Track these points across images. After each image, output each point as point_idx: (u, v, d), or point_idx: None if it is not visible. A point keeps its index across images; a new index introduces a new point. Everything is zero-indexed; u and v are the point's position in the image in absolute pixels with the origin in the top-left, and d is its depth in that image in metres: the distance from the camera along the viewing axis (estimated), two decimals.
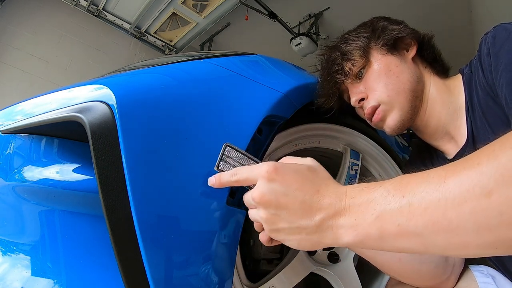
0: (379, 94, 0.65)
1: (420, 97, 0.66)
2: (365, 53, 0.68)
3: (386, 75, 0.65)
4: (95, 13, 3.41)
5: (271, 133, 0.60)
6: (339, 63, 0.70)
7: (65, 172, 0.52)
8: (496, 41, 0.52)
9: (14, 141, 0.57)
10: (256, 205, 0.41)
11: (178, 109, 0.51)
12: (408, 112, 0.66)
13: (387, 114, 0.66)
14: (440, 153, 0.71)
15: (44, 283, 0.48)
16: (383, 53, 0.67)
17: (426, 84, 0.68)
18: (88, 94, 0.51)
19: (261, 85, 0.62)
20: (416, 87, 0.66)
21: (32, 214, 0.54)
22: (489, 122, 0.55)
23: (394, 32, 0.67)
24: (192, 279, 0.45)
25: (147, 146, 0.45)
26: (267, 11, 3.22)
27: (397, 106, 0.65)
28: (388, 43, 0.67)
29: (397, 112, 0.66)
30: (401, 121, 0.66)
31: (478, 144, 0.58)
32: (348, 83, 0.70)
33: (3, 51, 2.98)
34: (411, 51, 0.69)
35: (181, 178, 0.47)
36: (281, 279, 0.68)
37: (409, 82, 0.65)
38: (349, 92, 0.71)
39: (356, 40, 0.69)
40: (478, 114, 0.58)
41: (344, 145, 0.83)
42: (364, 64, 0.68)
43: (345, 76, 0.69)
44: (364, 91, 0.68)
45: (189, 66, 0.62)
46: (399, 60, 0.67)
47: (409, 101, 0.65)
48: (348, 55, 0.68)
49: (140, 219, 0.42)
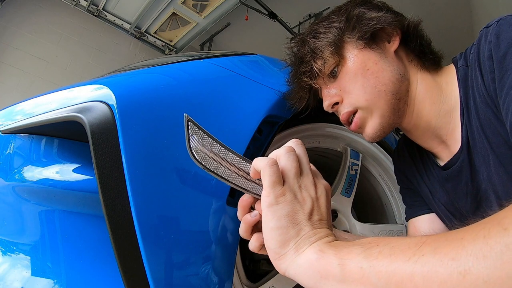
0: (356, 98, 0.56)
1: (404, 98, 0.57)
2: (338, 49, 0.56)
3: (362, 75, 0.55)
4: (95, 13, 3.42)
5: (271, 133, 0.60)
6: (307, 62, 0.58)
7: (65, 172, 0.52)
8: (501, 41, 0.44)
9: (14, 141, 0.57)
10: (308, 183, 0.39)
11: (178, 109, 0.50)
12: (390, 118, 0.56)
13: (365, 122, 0.57)
14: (432, 157, 0.64)
15: (44, 283, 0.48)
16: (359, 48, 0.56)
17: (412, 82, 0.57)
18: (88, 94, 0.51)
19: (261, 85, 0.62)
20: (399, 88, 0.55)
21: (32, 214, 0.54)
22: (488, 137, 0.48)
23: (372, 23, 0.55)
24: (192, 279, 0.45)
25: (147, 146, 0.45)
26: (267, 11, 3.22)
27: (377, 112, 0.56)
28: (365, 36, 0.55)
29: (377, 118, 0.56)
30: (381, 128, 0.57)
31: (475, 157, 0.52)
32: (320, 84, 0.60)
33: (3, 51, 2.98)
34: (393, 43, 0.58)
35: (181, 178, 0.47)
36: (281, 279, 0.68)
37: (390, 83, 0.55)
38: (322, 93, 0.61)
39: (327, 33, 0.57)
40: (475, 123, 0.50)
41: (344, 145, 0.83)
42: (337, 62, 0.57)
43: (314, 79, 0.58)
44: (339, 93, 0.58)
45: (189, 66, 0.62)
46: (378, 55, 0.56)
47: (391, 105, 0.55)
48: (317, 52, 0.57)
49: (140, 219, 0.42)
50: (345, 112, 0.57)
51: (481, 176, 0.52)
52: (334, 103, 0.59)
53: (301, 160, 0.41)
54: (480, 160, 0.51)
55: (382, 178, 0.91)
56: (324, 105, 0.60)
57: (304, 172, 0.40)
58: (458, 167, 0.56)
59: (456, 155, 0.56)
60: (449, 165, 0.58)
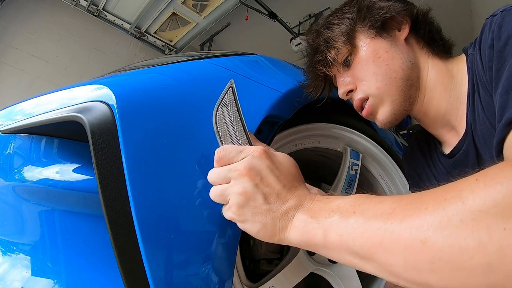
0: (368, 86, 0.58)
1: (415, 85, 0.58)
2: (350, 39, 0.59)
3: (374, 62, 0.57)
4: (95, 13, 3.41)
5: (271, 133, 0.60)
6: (322, 52, 0.62)
7: (65, 172, 0.52)
8: (502, 32, 0.45)
9: (14, 141, 0.57)
10: (235, 178, 0.40)
11: (178, 109, 0.50)
12: (401, 105, 0.58)
13: (377, 108, 0.59)
14: (439, 147, 0.65)
15: (44, 283, 0.48)
16: (371, 37, 0.58)
17: (423, 69, 0.59)
18: (88, 94, 0.51)
19: (261, 85, 0.62)
20: (410, 75, 0.57)
21: (32, 214, 0.54)
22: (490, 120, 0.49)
23: (382, 12, 0.58)
24: (192, 279, 0.45)
25: (147, 146, 0.45)
26: (267, 11, 3.22)
27: (388, 99, 0.58)
28: (376, 25, 0.58)
29: (388, 105, 0.58)
30: (393, 115, 0.59)
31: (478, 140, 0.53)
32: (334, 72, 0.63)
33: (3, 51, 2.98)
34: (403, 30, 0.60)
35: (181, 178, 0.47)
36: (281, 279, 0.68)
37: (401, 70, 0.57)
38: (337, 81, 0.64)
39: (340, 24, 0.60)
40: (477, 107, 0.51)
41: (344, 145, 0.83)
42: (350, 51, 0.59)
43: (329, 67, 0.61)
44: (352, 81, 0.60)
45: (189, 66, 0.61)
46: (389, 43, 0.58)
47: (402, 92, 0.57)
48: (331, 42, 0.60)
49: (140, 219, 0.42)
50: (358, 98, 0.60)
51: (484, 158, 0.53)
52: (349, 91, 0.61)
53: (215, 176, 0.42)
54: (481, 143, 0.52)
55: (382, 178, 0.91)
56: (339, 93, 0.63)
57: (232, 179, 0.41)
58: (464, 151, 0.56)
59: (462, 140, 0.56)
60: (455, 151, 0.59)
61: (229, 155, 0.41)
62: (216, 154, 0.42)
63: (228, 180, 0.41)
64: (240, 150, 0.41)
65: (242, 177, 0.39)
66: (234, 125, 0.44)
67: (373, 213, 0.33)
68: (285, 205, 0.39)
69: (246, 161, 0.40)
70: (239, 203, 0.39)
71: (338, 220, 0.35)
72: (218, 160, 0.42)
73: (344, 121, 0.81)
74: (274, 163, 0.41)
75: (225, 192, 0.41)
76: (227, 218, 0.43)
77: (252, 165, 0.40)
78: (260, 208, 0.39)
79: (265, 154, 0.41)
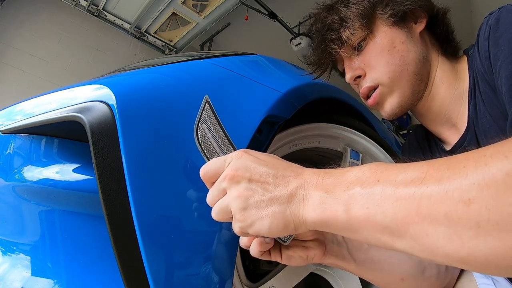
0: (379, 75, 0.57)
1: (425, 80, 0.58)
2: (368, 23, 0.57)
3: (389, 52, 0.56)
4: (95, 13, 3.41)
5: (271, 133, 0.60)
6: (336, 30, 0.59)
7: (65, 172, 0.52)
8: (500, 25, 0.46)
9: (14, 141, 0.57)
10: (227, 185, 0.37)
11: (178, 109, 0.50)
12: (409, 98, 0.58)
13: (384, 99, 0.58)
14: (439, 143, 0.65)
15: (44, 283, 0.48)
16: (388, 25, 0.57)
17: (433, 65, 0.58)
18: (88, 94, 0.51)
19: (261, 85, 0.62)
20: (422, 69, 0.57)
21: (32, 214, 0.54)
22: (490, 113, 0.50)
23: (407, 2, 0.56)
24: (192, 279, 0.45)
25: (147, 146, 0.45)
26: (267, 11, 3.22)
27: (398, 90, 0.57)
28: (398, 14, 0.56)
29: (397, 97, 0.57)
30: (400, 107, 0.58)
31: (479, 133, 0.53)
32: (343, 54, 0.60)
33: (3, 51, 2.98)
34: (420, 24, 0.59)
35: (181, 178, 0.47)
36: (281, 279, 0.68)
37: (414, 63, 0.56)
38: (345, 65, 0.62)
39: (359, 5, 0.58)
40: (479, 101, 0.52)
41: (344, 145, 0.83)
42: (365, 36, 0.57)
43: (342, 47, 0.59)
44: (362, 67, 0.59)
45: (189, 66, 0.61)
46: (405, 35, 0.57)
47: (412, 85, 0.57)
48: (348, 22, 0.58)
49: (140, 219, 0.42)
50: (366, 86, 0.58)
51: None
52: (357, 76, 0.59)
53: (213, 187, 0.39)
54: (482, 137, 0.52)
55: None
56: (346, 77, 0.61)
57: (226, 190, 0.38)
58: (467, 145, 0.56)
59: (463, 135, 0.56)
60: (457, 146, 0.58)
61: (214, 166, 0.39)
62: (200, 172, 0.39)
63: (224, 192, 0.38)
64: (223, 159, 0.39)
65: (232, 179, 0.36)
66: (218, 138, 0.43)
67: (402, 180, 0.28)
68: (289, 186, 0.35)
69: (231, 165, 0.37)
70: (240, 207, 0.36)
71: (361, 192, 0.30)
72: (204, 176, 0.39)
73: (344, 121, 0.81)
74: (258, 158, 0.38)
75: (224, 204, 0.38)
76: (238, 234, 0.39)
77: (238, 165, 0.37)
78: (262, 200, 0.35)
79: (246, 152, 0.39)
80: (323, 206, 0.32)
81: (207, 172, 0.39)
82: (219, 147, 0.43)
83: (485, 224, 0.24)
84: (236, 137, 0.53)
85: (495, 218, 0.23)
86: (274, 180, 0.35)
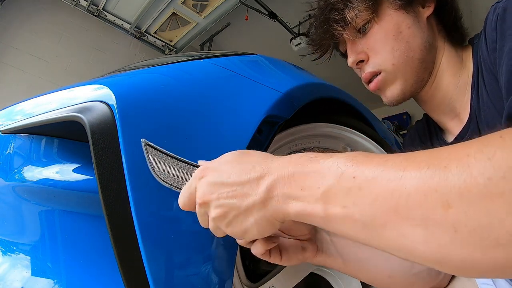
0: (383, 61, 0.55)
1: (429, 68, 0.56)
2: (374, 5, 0.55)
3: (394, 37, 0.54)
4: (95, 13, 3.41)
5: (271, 133, 0.60)
6: (341, 11, 0.57)
7: (65, 172, 0.52)
8: (507, 15, 0.44)
9: (14, 141, 0.57)
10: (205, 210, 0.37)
11: (178, 109, 0.50)
12: (413, 86, 0.56)
13: (387, 85, 0.57)
14: (440, 135, 0.63)
15: (44, 283, 0.48)
16: (395, 8, 0.54)
17: (438, 53, 0.56)
18: (88, 94, 0.51)
19: (261, 85, 0.62)
20: (427, 56, 0.55)
21: (32, 214, 0.54)
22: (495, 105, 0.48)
23: None
24: (192, 279, 0.45)
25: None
26: (267, 11, 3.22)
27: (401, 78, 0.55)
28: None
29: (400, 84, 0.56)
30: (402, 94, 0.57)
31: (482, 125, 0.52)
32: (346, 36, 0.58)
33: (3, 51, 2.98)
34: (427, 9, 0.56)
35: None
36: (281, 279, 0.68)
37: (419, 50, 0.54)
38: (347, 48, 0.60)
39: None
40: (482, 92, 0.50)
41: (344, 145, 0.83)
42: (370, 18, 0.55)
43: (345, 29, 0.57)
44: (366, 51, 0.57)
45: (189, 66, 0.61)
46: (412, 19, 0.54)
47: (416, 73, 0.55)
48: (353, 2, 0.56)
49: (140, 219, 0.42)
50: (369, 72, 0.56)
51: None
52: (360, 61, 0.57)
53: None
54: (484, 128, 0.51)
55: None
56: (349, 61, 0.59)
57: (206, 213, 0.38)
58: (469, 136, 0.55)
59: (465, 126, 0.55)
60: (459, 138, 0.57)
61: (185, 196, 0.38)
62: (180, 206, 0.39)
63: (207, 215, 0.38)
64: (189, 185, 0.38)
65: (204, 205, 0.36)
66: (177, 167, 0.43)
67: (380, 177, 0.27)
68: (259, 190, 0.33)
69: (197, 191, 0.37)
70: (224, 224, 0.36)
71: (337, 189, 0.29)
72: (184, 208, 0.39)
73: (344, 121, 0.81)
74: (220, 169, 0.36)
75: (213, 226, 0.37)
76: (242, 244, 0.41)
77: (203, 190, 0.36)
78: (240, 213, 0.34)
79: (206, 169, 0.37)
80: (301, 204, 0.32)
81: (184, 204, 0.39)
82: (183, 175, 0.42)
83: (462, 229, 0.23)
84: (236, 137, 0.53)
85: (472, 224, 0.23)
86: (242, 189, 0.34)
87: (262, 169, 0.34)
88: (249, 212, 0.34)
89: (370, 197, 0.27)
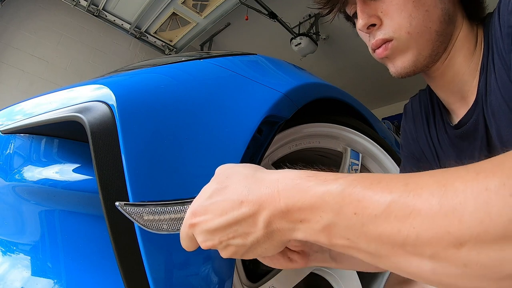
0: (397, 27, 0.50)
1: (445, 43, 0.52)
2: None
3: (414, 3, 0.49)
4: (95, 13, 3.42)
5: (271, 133, 0.60)
6: None
7: (65, 172, 0.52)
8: None
9: (14, 141, 0.57)
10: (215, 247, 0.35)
11: (178, 109, 0.50)
12: (425, 59, 0.52)
13: (397, 54, 0.52)
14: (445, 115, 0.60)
15: (44, 283, 0.48)
16: None
17: (456, 28, 0.53)
18: (88, 94, 0.51)
19: (261, 85, 0.62)
20: (445, 29, 0.51)
21: (32, 214, 0.54)
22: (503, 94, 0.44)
23: None
24: (192, 279, 0.45)
25: (147, 146, 0.45)
26: (267, 11, 3.22)
27: (415, 48, 0.51)
28: None
29: (412, 55, 0.51)
30: (413, 66, 0.52)
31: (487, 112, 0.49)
32: None
33: (3, 51, 2.98)
34: None
35: (181, 178, 0.47)
36: (281, 279, 0.68)
37: (438, 21, 0.50)
38: (357, 8, 0.53)
39: None
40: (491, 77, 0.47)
41: (344, 145, 0.83)
42: None
43: None
44: (379, 15, 0.52)
45: (189, 66, 0.62)
46: None
47: (431, 46, 0.51)
48: None
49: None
50: (380, 38, 0.52)
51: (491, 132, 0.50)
52: (371, 25, 0.52)
53: None
54: (489, 115, 0.50)
55: None
56: (359, 24, 0.53)
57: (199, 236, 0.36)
58: (473, 122, 0.53)
59: (471, 109, 0.52)
60: (464, 120, 0.55)
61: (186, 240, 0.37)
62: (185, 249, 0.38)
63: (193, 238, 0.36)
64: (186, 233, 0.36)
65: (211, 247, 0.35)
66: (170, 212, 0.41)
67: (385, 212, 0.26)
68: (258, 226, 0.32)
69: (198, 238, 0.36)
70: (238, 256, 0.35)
71: (337, 225, 0.28)
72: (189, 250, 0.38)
73: (344, 121, 0.81)
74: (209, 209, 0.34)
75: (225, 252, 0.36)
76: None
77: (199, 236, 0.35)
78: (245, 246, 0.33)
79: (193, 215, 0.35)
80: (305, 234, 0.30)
81: (189, 248, 0.38)
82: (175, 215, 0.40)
83: (473, 266, 0.22)
84: (236, 137, 0.53)
85: (484, 261, 0.22)
86: (241, 229, 0.33)
87: (252, 204, 0.32)
88: (257, 245, 0.33)
89: (374, 234, 0.26)
